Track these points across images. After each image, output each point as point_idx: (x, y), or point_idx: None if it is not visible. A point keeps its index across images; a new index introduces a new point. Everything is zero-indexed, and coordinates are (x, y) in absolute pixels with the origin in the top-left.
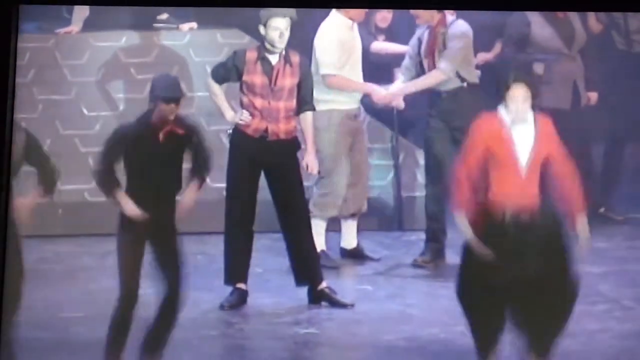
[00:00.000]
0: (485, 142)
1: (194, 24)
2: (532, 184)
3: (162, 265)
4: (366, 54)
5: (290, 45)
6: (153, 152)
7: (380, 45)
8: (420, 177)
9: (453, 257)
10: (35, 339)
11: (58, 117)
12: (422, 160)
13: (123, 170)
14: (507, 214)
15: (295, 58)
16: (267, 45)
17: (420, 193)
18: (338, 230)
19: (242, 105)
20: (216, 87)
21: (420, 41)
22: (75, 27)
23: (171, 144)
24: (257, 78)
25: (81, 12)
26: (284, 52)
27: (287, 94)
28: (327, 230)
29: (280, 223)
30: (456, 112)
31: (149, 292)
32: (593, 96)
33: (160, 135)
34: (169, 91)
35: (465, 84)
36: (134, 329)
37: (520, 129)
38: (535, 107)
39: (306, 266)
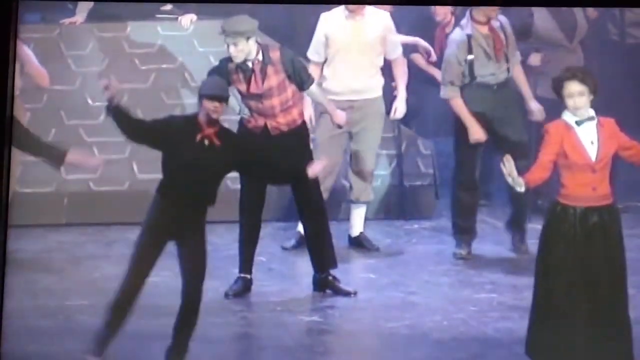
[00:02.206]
0: (558, 144)
1: (194, 16)
2: (603, 183)
3: (184, 263)
4: None
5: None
6: (188, 151)
7: None
8: (423, 166)
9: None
10: (40, 327)
11: (63, 107)
12: (424, 149)
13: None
14: (579, 214)
15: (275, 54)
16: (243, 55)
17: (422, 182)
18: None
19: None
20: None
21: (470, 39)
22: (79, 17)
23: (207, 152)
24: (241, 86)
25: (85, 3)
26: (260, 56)
27: (277, 91)
28: (338, 219)
29: (298, 213)
30: (502, 103)
31: (157, 280)
32: None
33: (199, 136)
34: (213, 89)
35: (510, 75)
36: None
37: (586, 128)
38: (597, 110)
39: (319, 254)
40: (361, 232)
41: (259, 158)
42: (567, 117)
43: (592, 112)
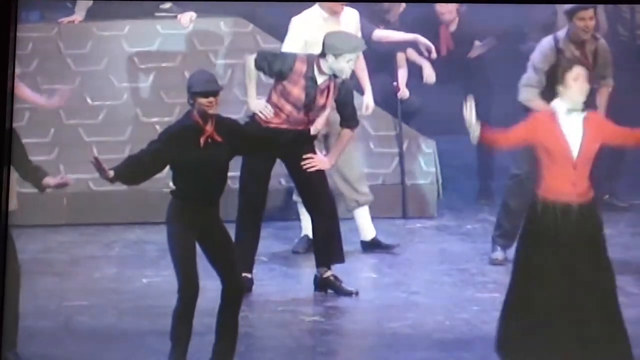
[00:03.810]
0: (533, 133)
1: (193, 14)
2: (583, 179)
3: (217, 258)
4: (367, 42)
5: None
6: (195, 156)
7: (382, 33)
8: (425, 165)
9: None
10: (39, 328)
11: (62, 107)
12: (426, 148)
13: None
14: (557, 209)
15: (338, 80)
16: (327, 70)
17: (424, 181)
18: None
19: (269, 100)
20: (253, 73)
21: (559, 53)
22: (78, 16)
23: (212, 150)
24: (296, 90)
25: (84, 2)
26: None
27: (318, 109)
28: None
29: (305, 207)
30: None
31: (157, 280)
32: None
33: (201, 141)
34: (205, 85)
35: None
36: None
37: (573, 119)
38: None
39: (326, 248)
40: (375, 236)
41: (259, 135)
42: (558, 105)
43: (582, 105)
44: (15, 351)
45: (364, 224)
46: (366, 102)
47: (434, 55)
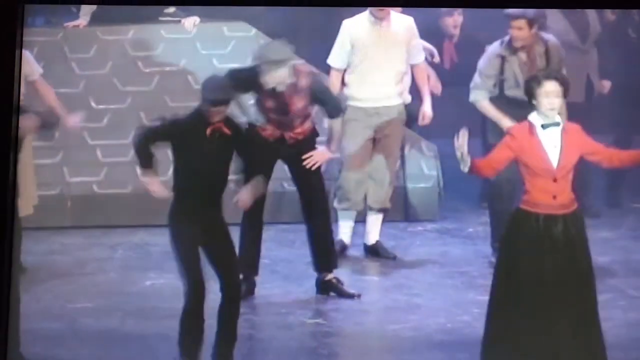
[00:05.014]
0: (515, 152)
1: (197, 19)
2: (564, 191)
3: (217, 259)
4: None
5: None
6: (200, 147)
7: None
8: (426, 168)
9: None
10: (44, 330)
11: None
12: (427, 151)
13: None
14: (539, 221)
15: (307, 80)
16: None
17: (426, 184)
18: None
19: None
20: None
21: (503, 60)
22: (83, 20)
23: (219, 140)
24: (269, 102)
25: (89, 6)
26: (293, 80)
27: (301, 110)
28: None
29: (302, 212)
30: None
31: (161, 282)
32: (606, 84)
33: (208, 131)
34: (216, 94)
35: None
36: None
37: (550, 133)
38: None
39: (323, 254)
40: (377, 241)
41: (263, 150)
42: (534, 119)
43: (558, 118)
44: (19, 352)
45: (370, 228)
46: (423, 111)
47: (437, 59)
